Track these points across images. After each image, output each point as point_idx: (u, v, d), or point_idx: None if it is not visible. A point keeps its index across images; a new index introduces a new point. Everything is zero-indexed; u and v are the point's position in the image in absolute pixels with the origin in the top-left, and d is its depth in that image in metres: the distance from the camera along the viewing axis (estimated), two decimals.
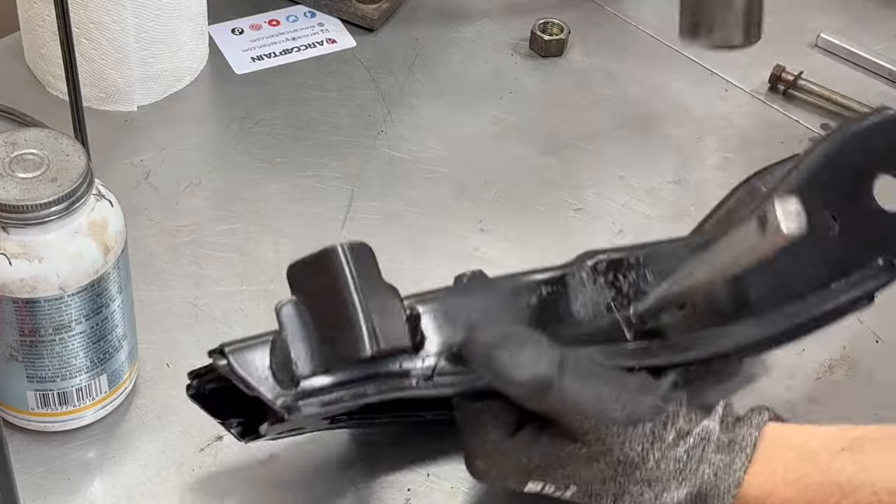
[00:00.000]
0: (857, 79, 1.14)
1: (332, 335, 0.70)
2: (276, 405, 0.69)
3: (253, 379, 0.70)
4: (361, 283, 0.71)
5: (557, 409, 0.70)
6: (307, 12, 1.17)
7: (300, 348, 0.70)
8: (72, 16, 0.87)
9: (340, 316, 0.70)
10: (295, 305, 0.71)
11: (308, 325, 0.71)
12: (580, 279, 0.78)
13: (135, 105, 1.06)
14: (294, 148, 1.05)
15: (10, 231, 0.75)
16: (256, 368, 0.70)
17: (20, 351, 0.78)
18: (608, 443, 0.70)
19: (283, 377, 0.70)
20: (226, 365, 0.70)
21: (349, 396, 0.71)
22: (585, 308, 0.78)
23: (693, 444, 0.70)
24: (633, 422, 0.70)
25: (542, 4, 1.19)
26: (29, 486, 0.80)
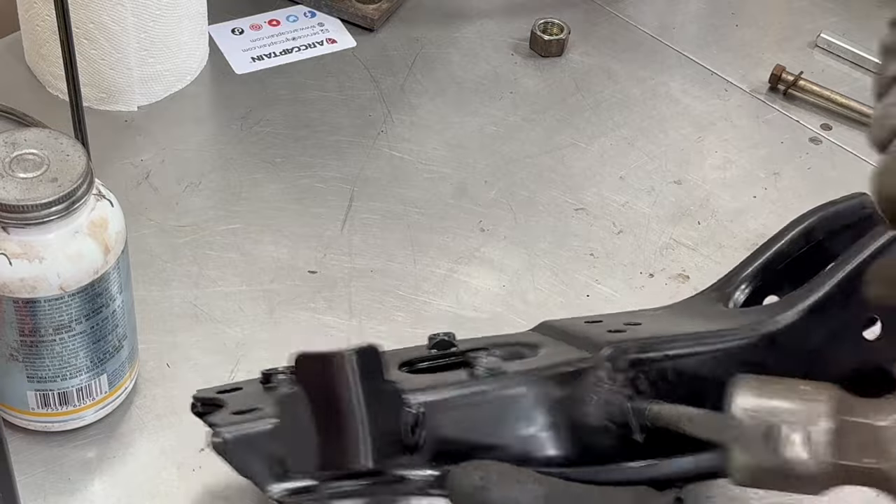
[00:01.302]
0: (856, 78, 1.14)
1: (331, 438, 0.70)
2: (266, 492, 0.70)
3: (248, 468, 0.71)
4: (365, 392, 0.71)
5: None
6: (307, 12, 1.17)
7: (299, 445, 0.70)
8: (72, 16, 0.87)
9: (340, 423, 0.70)
10: (297, 396, 0.71)
11: (308, 420, 0.71)
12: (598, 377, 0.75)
13: (135, 105, 1.06)
14: (294, 148, 1.05)
15: (11, 231, 0.75)
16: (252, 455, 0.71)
17: (20, 351, 0.78)
18: None
19: (277, 469, 0.71)
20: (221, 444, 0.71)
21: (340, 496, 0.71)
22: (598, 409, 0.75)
23: None
24: None
25: (542, 4, 1.19)
26: (29, 486, 0.80)
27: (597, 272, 0.97)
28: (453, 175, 1.03)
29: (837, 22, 1.19)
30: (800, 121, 1.10)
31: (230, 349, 0.89)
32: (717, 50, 1.10)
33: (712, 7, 1.22)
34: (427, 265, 0.96)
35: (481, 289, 0.95)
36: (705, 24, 1.21)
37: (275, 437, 0.71)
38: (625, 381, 0.75)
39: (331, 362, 0.71)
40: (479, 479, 0.69)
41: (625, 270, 0.97)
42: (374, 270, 0.95)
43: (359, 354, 0.71)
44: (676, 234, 1.00)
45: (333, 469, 0.70)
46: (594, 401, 0.75)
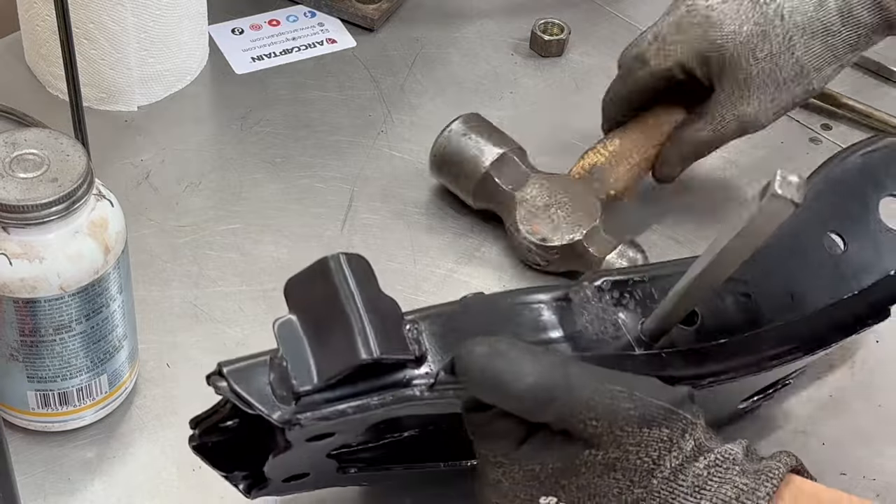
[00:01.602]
0: (856, 78, 1.14)
1: (331, 345, 0.69)
2: (273, 419, 0.68)
3: (252, 396, 0.68)
4: (359, 293, 0.70)
5: (566, 416, 0.67)
6: (307, 12, 1.17)
7: (299, 363, 0.69)
8: (72, 16, 0.87)
9: (338, 325, 0.69)
10: (292, 321, 0.70)
11: (306, 340, 0.69)
12: (585, 296, 0.76)
13: (135, 105, 1.06)
14: (294, 148, 1.05)
15: (11, 231, 0.75)
16: (255, 386, 0.68)
17: (21, 351, 0.78)
18: (623, 445, 0.67)
19: (283, 393, 0.68)
20: (225, 386, 0.68)
21: (352, 409, 0.68)
22: (591, 324, 0.76)
23: (715, 461, 0.67)
24: (648, 423, 0.67)
25: (542, 4, 1.19)
26: (29, 486, 0.80)
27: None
28: None
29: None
30: (800, 121, 1.10)
31: (230, 349, 0.88)
32: None
33: None
34: (427, 265, 0.96)
35: (481, 289, 0.94)
36: None
37: (275, 366, 0.69)
38: (612, 301, 0.76)
39: (321, 266, 0.70)
40: (487, 347, 0.68)
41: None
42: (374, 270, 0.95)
43: (349, 259, 0.71)
44: (676, 234, 1.00)
45: (336, 374, 0.68)
46: (584, 315, 0.76)
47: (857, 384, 0.90)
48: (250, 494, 0.74)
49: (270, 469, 0.72)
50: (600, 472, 0.67)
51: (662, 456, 0.67)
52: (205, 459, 0.73)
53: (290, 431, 0.68)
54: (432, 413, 0.73)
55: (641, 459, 0.67)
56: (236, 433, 0.73)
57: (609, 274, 0.78)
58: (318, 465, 0.75)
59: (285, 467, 0.73)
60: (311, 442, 0.70)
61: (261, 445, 0.71)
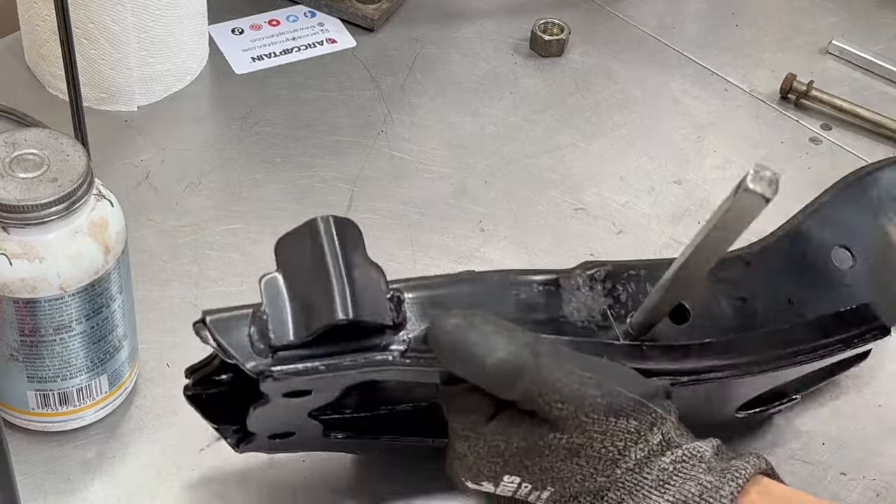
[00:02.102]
0: (856, 79, 1.14)
1: (311, 303, 0.70)
2: (247, 368, 0.69)
3: (230, 345, 0.70)
4: (344, 255, 0.71)
5: (533, 395, 0.66)
6: (307, 12, 1.17)
7: (278, 318, 0.70)
8: (72, 16, 0.87)
9: (320, 284, 0.70)
10: (277, 278, 0.71)
11: (289, 297, 0.71)
12: (576, 283, 0.76)
13: (135, 105, 1.06)
14: (294, 148, 1.05)
15: (11, 231, 0.75)
16: (235, 336, 0.70)
17: (21, 351, 0.78)
18: (588, 432, 0.66)
19: (260, 346, 0.70)
20: (207, 334, 0.70)
21: (324, 367, 0.70)
22: (579, 312, 0.76)
23: (682, 457, 0.67)
24: (616, 412, 0.67)
25: (542, 4, 1.19)
26: (29, 486, 0.80)
27: None
28: (453, 175, 1.03)
29: (837, 22, 1.19)
30: (800, 121, 1.10)
31: None
32: (717, 50, 1.10)
33: (712, 7, 1.22)
34: (427, 265, 0.96)
35: None
36: (705, 24, 1.21)
37: (256, 319, 0.70)
38: (604, 291, 0.77)
39: (309, 227, 0.72)
40: (461, 319, 0.67)
41: None
42: None
43: (337, 222, 0.72)
44: (676, 234, 1.00)
45: (314, 331, 0.69)
46: (572, 303, 0.76)
47: (857, 384, 0.90)
48: (239, 448, 0.76)
49: (253, 422, 0.73)
50: (564, 456, 0.67)
51: (628, 447, 0.67)
52: (198, 409, 0.75)
53: (263, 383, 0.69)
54: (410, 382, 0.73)
55: (606, 448, 0.67)
56: (229, 387, 0.75)
57: (604, 264, 0.78)
58: (301, 425, 0.76)
59: (268, 423, 0.74)
60: (288, 398, 0.71)
61: (249, 396, 0.72)
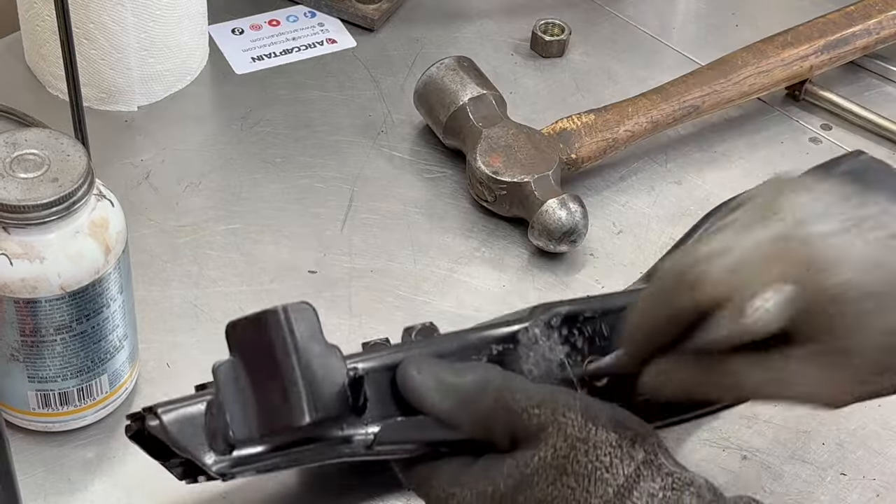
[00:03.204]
0: (857, 78, 1.14)
1: (269, 400, 0.68)
2: (211, 471, 0.68)
3: (187, 443, 0.68)
4: (302, 348, 0.69)
5: (507, 410, 0.67)
6: (307, 12, 1.17)
7: (236, 412, 0.68)
8: (72, 16, 0.87)
9: (278, 381, 0.68)
10: (233, 366, 0.69)
11: (246, 388, 0.69)
12: (533, 335, 0.76)
13: (135, 105, 1.06)
14: (294, 148, 1.05)
15: (11, 231, 0.75)
16: (190, 431, 0.68)
17: (21, 351, 0.78)
18: (570, 439, 0.66)
19: (218, 443, 0.68)
20: (158, 426, 0.69)
21: (285, 463, 0.69)
22: (537, 366, 0.75)
23: (672, 484, 0.65)
24: (593, 419, 0.66)
25: (542, 4, 1.19)
26: (29, 485, 0.80)
27: (597, 272, 0.97)
28: (453, 175, 1.03)
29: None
30: (800, 121, 1.10)
31: None
32: (717, 50, 1.10)
33: (712, 7, 1.22)
34: (427, 265, 0.96)
35: (481, 289, 0.95)
36: (705, 24, 1.21)
37: (213, 411, 0.69)
38: (560, 339, 0.76)
39: (263, 320, 0.69)
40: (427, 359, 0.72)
41: (625, 270, 0.97)
42: (374, 270, 0.95)
43: (293, 310, 0.69)
44: (676, 234, 1.00)
45: (275, 429, 0.68)
46: (531, 358, 0.76)
47: None
48: (185, 480, 0.75)
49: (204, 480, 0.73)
50: (553, 478, 0.66)
51: (614, 463, 0.65)
52: (141, 447, 0.73)
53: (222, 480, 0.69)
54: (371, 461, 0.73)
55: (592, 463, 0.65)
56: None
57: (559, 307, 0.77)
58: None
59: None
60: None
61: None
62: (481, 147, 0.98)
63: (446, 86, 1.02)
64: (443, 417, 0.70)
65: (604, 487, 0.65)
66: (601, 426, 0.66)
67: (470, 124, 1.00)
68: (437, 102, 1.03)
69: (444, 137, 1.03)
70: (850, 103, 1.10)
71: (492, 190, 0.97)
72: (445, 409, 0.70)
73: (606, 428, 0.66)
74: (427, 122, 1.05)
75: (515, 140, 0.99)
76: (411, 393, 0.71)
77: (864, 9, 1.10)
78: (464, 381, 0.70)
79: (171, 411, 0.69)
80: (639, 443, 0.66)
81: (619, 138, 1.01)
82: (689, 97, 1.04)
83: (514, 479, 0.67)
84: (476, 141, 0.99)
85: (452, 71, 1.03)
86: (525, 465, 0.66)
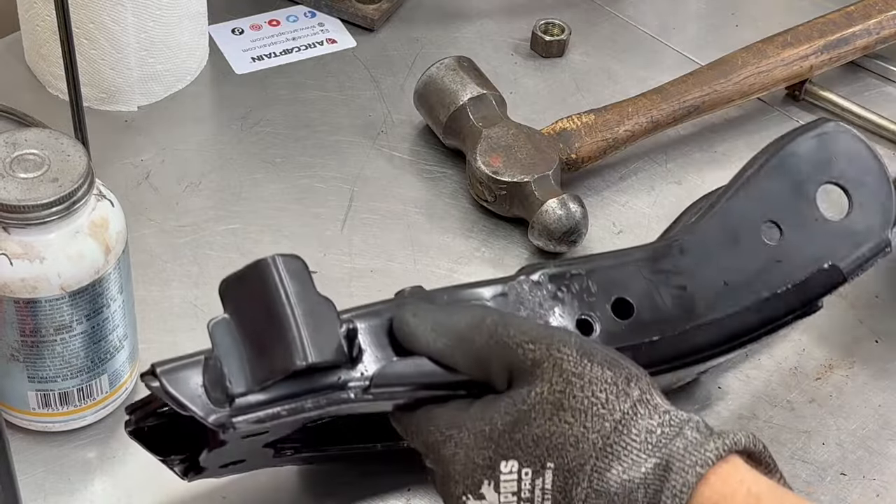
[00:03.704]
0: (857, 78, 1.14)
1: (266, 349, 0.69)
2: (208, 422, 0.68)
3: (186, 398, 0.68)
4: (295, 296, 0.69)
5: (502, 346, 0.68)
6: (307, 12, 1.17)
7: (233, 365, 0.68)
8: (72, 16, 0.87)
9: (273, 328, 0.69)
10: (227, 322, 0.70)
11: (241, 342, 0.69)
12: (522, 290, 0.77)
13: (135, 105, 1.06)
14: (294, 148, 1.05)
15: (12, 231, 0.75)
16: (189, 387, 0.68)
17: (21, 351, 0.78)
18: (566, 374, 0.67)
19: (217, 395, 0.68)
20: (158, 386, 0.68)
21: (286, 412, 0.69)
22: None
23: (670, 421, 0.66)
24: (588, 355, 0.67)
25: (542, 4, 1.19)
26: (29, 485, 0.80)
27: None
28: (453, 175, 1.03)
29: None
30: (800, 121, 1.10)
31: None
32: (717, 50, 1.10)
33: (712, 7, 1.22)
34: (427, 265, 0.96)
35: None
36: (705, 24, 1.21)
37: (210, 368, 0.69)
38: (549, 295, 0.77)
39: (255, 271, 0.70)
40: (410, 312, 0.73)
41: None
42: (374, 270, 0.95)
43: (284, 261, 0.70)
44: None
45: (272, 376, 0.68)
46: (521, 312, 0.77)
47: (857, 384, 0.90)
48: (187, 477, 0.75)
49: (206, 460, 0.73)
50: (550, 413, 0.67)
51: (610, 399, 0.66)
52: (141, 444, 0.74)
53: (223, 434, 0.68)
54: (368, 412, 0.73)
55: (588, 399, 0.66)
56: (171, 417, 0.73)
57: (545, 266, 0.78)
58: (253, 453, 0.75)
59: (220, 458, 0.74)
60: (245, 438, 0.71)
61: (196, 428, 0.71)
62: (481, 147, 0.98)
63: (446, 86, 1.02)
64: (438, 357, 0.71)
65: (601, 423, 0.66)
66: (597, 363, 0.67)
67: (470, 124, 1.00)
68: (437, 102, 1.03)
69: (443, 137, 1.03)
70: (850, 103, 1.10)
71: (492, 190, 0.97)
72: (440, 348, 0.71)
73: (602, 365, 0.67)
74: (427, 122, 1.05)
75: (515, 140, 0.99)
76: (408, 336, 0.72)
77: (864, 9, 1.11)
78: (459, 321, 0.71)
79: (170, 371, 0.69)
80: (634, 381, 0.67)
81: (619, 138, 1.02)
82: (689, 97, 1.04)
83: (511, 417, 0.67)
84: (476, 141, 0.99)
85: (452, 71, 1.03)
86: (522, 401, 0.67)
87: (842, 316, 0.94)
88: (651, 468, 0.65)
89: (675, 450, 0.65)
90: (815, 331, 0.93)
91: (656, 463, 0.65)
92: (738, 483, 0.65)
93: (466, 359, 0.70)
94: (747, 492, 0.64)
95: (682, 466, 0.64)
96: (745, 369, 0.90)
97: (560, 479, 0.67)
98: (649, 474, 0.65)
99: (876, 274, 0.96)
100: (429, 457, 0.71)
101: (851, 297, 0.95)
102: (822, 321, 0.92)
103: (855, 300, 0.95)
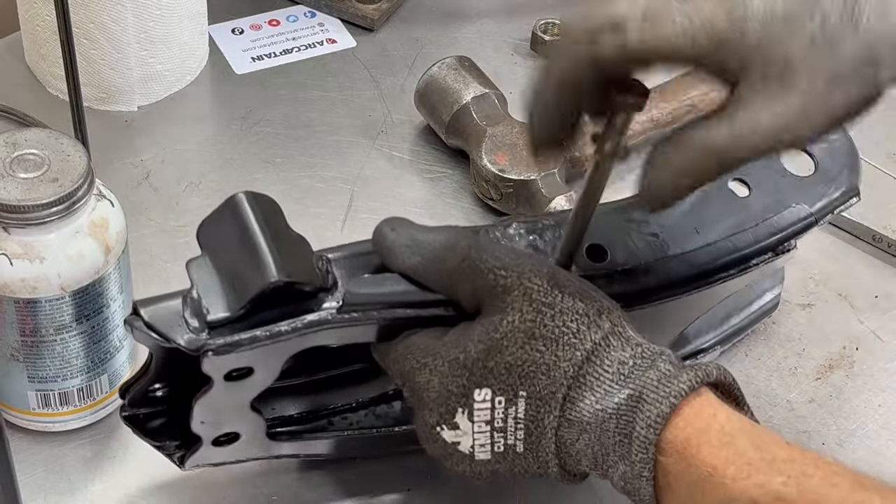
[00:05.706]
0: None
1: (242, 275, 0.70)
2: (182, 345, 0.69)
3: (164, 328, 0.69)
4: (269, 226, 0.71)
5: (473, 269, 0.69)
6: (307, 12, 1.17)
7: (211, 296, 0.70)
8: (72, 16, 0.87)
9: (248, 257, 0.70)
10: (203, 259, 0.72)
11: (218, 275, 0.71)
12: (496, 236, 0.77)
13: (135, 105, 1.06)
14: (294, 148, 1.05)
15: (12, 231, 0.75)
16: (168, 320, 0.70)
17: (21, 351, 0.78)
18: (536, 304, 0.67)
19: (195, 325, 0.70)
20: (140, 323, 0.70)
21: (263, 335, 0.70)
22: None
23: (642, 353, 0.67)
24: (559, 286, 0.68)
25: (542, 4, 1.19)
26: (29, 485, 0.80)
27: None
28: (454, 175, 1.03)
29: None
30: None
31: None
32: None
33: None
34: None
35: None
36: None
37: (189, 301, 0.70)
38: (524, 244, 0.77)
39: (229, 205, 0.73)
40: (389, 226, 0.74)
41: None
42: None
43: (256, 197, 0.73)
44: None
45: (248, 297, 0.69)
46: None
47: (857, 384, 0.90)
48: (184, 464, 0.76)
49: (196, 419, 0.73)
50: (521, 341, 0.67)
51: (581, 330, 0.67)
52: (136, 431, 0.75)
53: (204, 360, 0.69)
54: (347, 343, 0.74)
55: (559, 328, 0.67)
56: (166, 404, 0.75)
57: (518, 219, 0.79)
58: (245, 422, 0.75)
59: (212, 419, 0.74)
60: (231, 382, 0.71)
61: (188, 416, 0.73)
62: (486, 145, 0.99)
63: (448, 85, 1.03)
64: (412, 273, 0.72)
65: (572, 352, 0.67)
66: (568, 294, 0.68)
67: (473, 123, 1.01)
68: (439, 102, 1.03)
69: (446, 137, 1.03)
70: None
71: (498, 188, 0.97)
72: (414, 265, 0.72)
73: (574, 297, 0.68)
74: (428, 122, 1.05)
75: (520, 138, 0.99)
76: (384, 251, 0.73)
77: None
78: (435, 239, 0.72)
79: (150, 305, 0.70)
80: (605, 314, 0.68)
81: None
82: (688, 96, 1.04)
83: (484, 345, 0.68)
84: (480, 139, 0.99)
85: (454, 70, 1.03)
86: (494, 329, 0.68)
87: (842, 316, 0.94)
88: (624, 399, 0.66)
89: (647, 381, 0.66)
90: (815, 331, 0.93)
91: (629, 394, 0.66)
92: (711, 417, 0.65)
93: (439, 277, 0.71)
94: (720, 429, 0.65)
95: (655, 397, 0.65)
96: (745, 369, 0.90)
97: (532, 408, 0.67)
98: (622, 405, 0.66)
99: (876, 274, 0.96)
100: (405, 385, 0.72)
101: (851, 297, 0.95)
102: (822, 321, 0.92)
103: (855, 300, 0.95)
